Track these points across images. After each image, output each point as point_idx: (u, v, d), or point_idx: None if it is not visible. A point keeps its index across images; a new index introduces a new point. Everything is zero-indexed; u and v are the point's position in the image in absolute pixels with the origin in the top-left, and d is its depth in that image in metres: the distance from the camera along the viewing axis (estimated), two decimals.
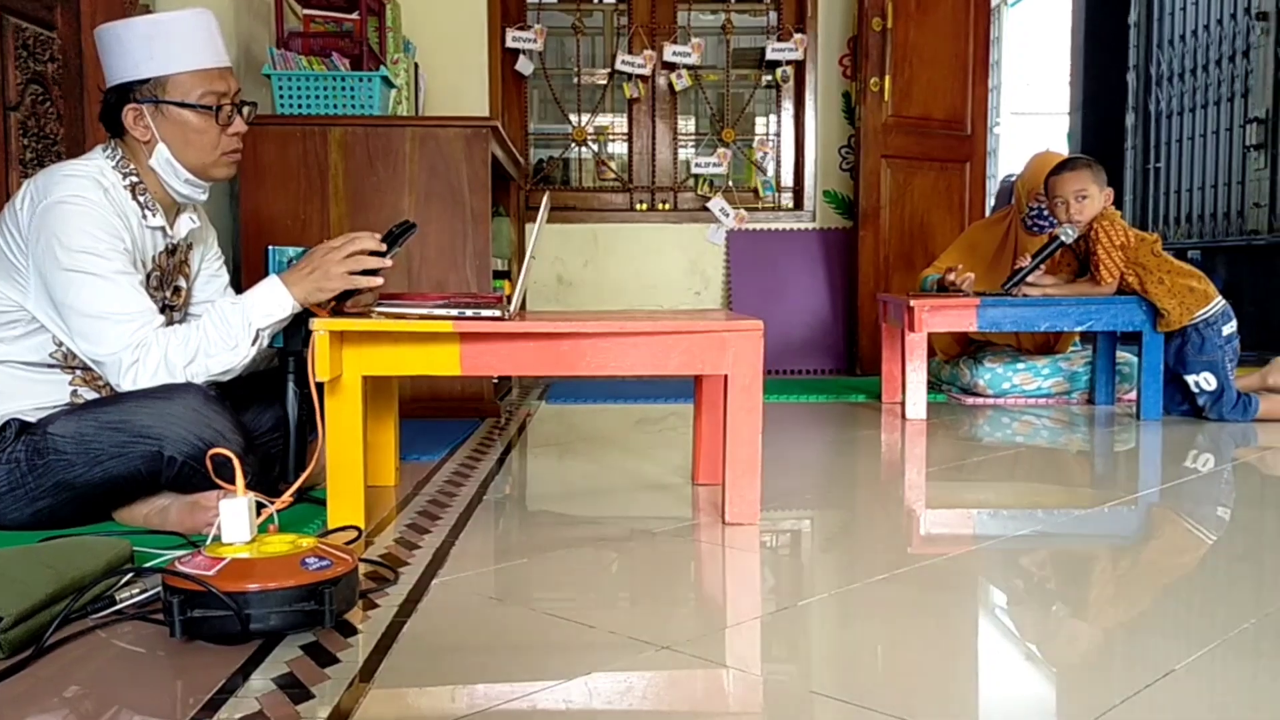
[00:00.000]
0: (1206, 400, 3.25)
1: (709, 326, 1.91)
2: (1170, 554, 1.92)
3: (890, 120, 4.72)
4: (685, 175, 5.14)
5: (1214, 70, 6.88)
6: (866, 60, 4.66)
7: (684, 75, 5.02)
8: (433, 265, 3.18)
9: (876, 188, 4.73)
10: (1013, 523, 2.09)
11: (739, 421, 1.91)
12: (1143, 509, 2.20)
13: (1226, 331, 3.28)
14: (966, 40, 4.92)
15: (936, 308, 3.33)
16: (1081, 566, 1.83)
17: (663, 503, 2.23)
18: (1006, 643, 1.44)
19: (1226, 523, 2.14)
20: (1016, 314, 3.31)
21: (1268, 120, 6.32)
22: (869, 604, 1.53)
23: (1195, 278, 3.31)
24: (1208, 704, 1.17)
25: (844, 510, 2.24)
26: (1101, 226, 3.31)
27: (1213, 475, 2.55)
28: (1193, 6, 7.13)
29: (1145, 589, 1.70)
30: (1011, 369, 3.73)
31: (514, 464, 2.67)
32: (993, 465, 2.70)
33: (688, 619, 1.50)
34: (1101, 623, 1.50)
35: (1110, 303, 3.30)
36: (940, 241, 4.76)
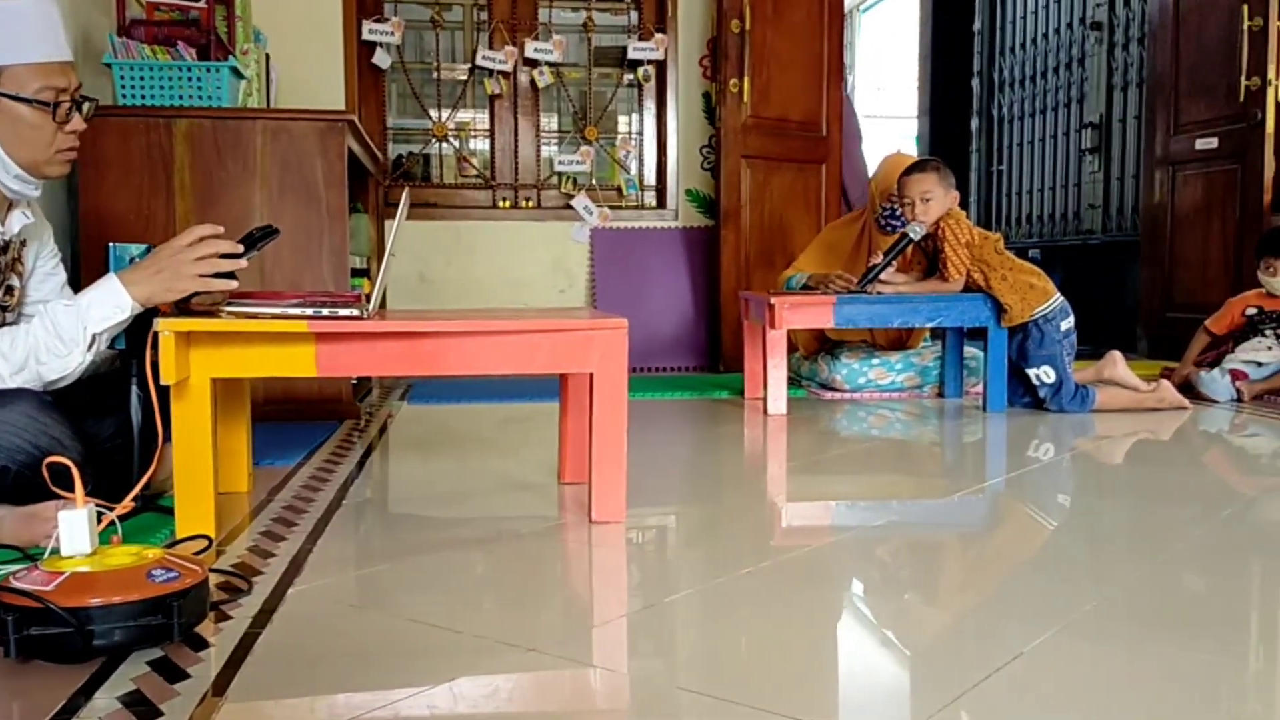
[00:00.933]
0: (1047, 392, 3.41)
1: (574, 325, 1.91)
2: (1015, 540, 2.01)
3: (749, 121, 4.80)
4: (549, 173, 5.12)
5: (1052, 77, 7.23)
6: (726, 61, 4.73)
7: (546, 72, 5.00)
8: (287, 263, 3.08)
9: (737, 187, 4.80)
10: (869, 513, 2.15)
11: (604, 419, 1.91)
12: (990, 498, 2.29)
13: (1064, 327, 3.44)
14: (821, 44, 5.04)
15: (796, 305, 3.40)
16: (934, 554, 1.90)
17: (528, 502, 2.21)
18: (865, 631, 1.48)
19: (1066, 509, 2.25)
20: (871, 311, 3.41)
21: (1101, 125, 6.68)
22: (734, 598, 1.55)
23: (1036, 275, 3.47)
24: (1055, 684, 1.22)
25: (709, 506, 2.26)
26: (948, 225, 3.44)
27: (1053, 464, 2.68)
28: (1032, 16, 7.48)
29: (993, 575, 1.77)
30: (867, 364, 3.84)
31: (375, 467, 2.61)
32: (850, 458, 2.77)
33: (554, 620, 1.49)
34: (953, 608, 1.56)
35: (957, 299, 3.43)
36: (799, 240, 4.86)
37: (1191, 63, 5.07)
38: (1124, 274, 6.30)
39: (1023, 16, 7.59)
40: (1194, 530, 1.93)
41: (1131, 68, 6.40)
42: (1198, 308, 4.66)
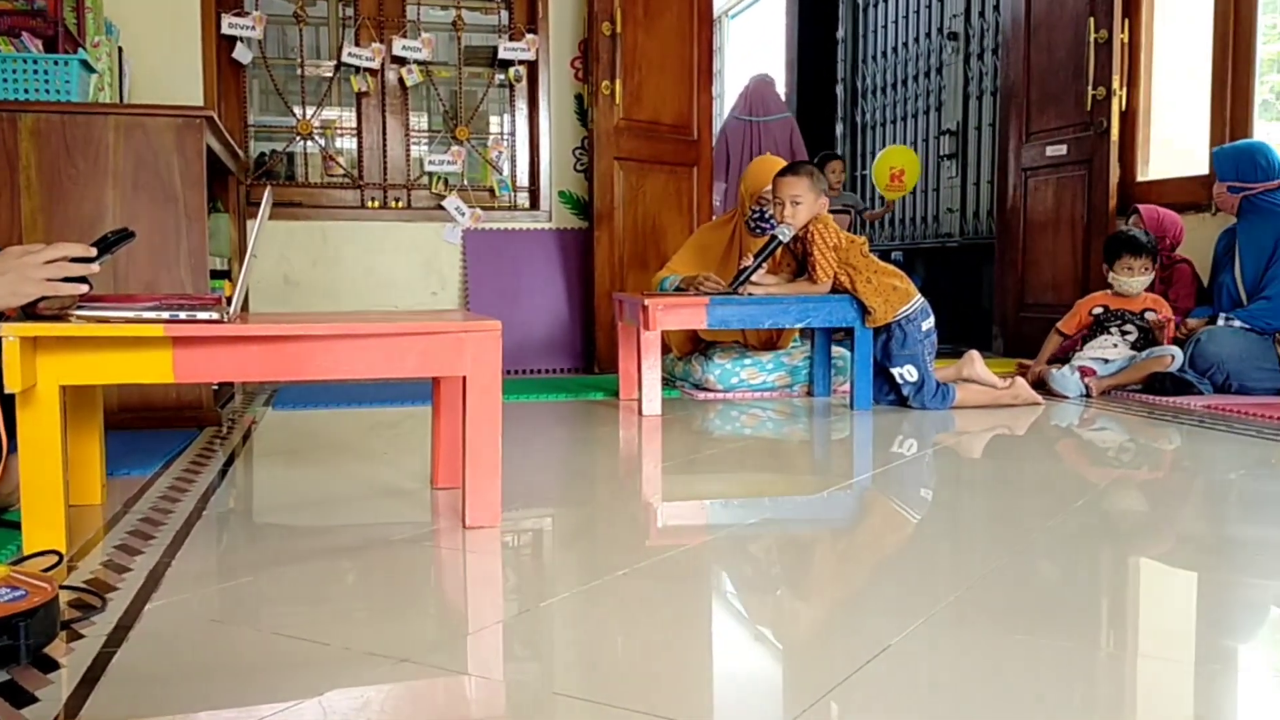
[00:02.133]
0: (910, 390, 3.52)
1: (446, 327, 1.88)
2: (882, 535, 2.07)
3: (622, 123, 4.82)
4: (419, 173, 5.04)
5: (911, 85, 7.47)
6: (597, 64, 4.74)
7: (415, 70, 4.92)
8: (142, 265, 2.95)
9: (610, 189, 4.81)
10: (743, 512, 2.17)
11: (478, 423, 1.88)
12: (858, 493, 2.35)
13: (926, 327, 3.56)
14: (691, 48, 5.10)
15: (670, 307, 3.43)
16: (805, 550, 1.93)
17: (400, 509, 2.17)
18: (740, 628, 1.50)
19: (930, 503, 2.32)
20: (743, 312, 3.46)
21: (958, 132, 6.93)
22: (610, 600, 1.54)
23: (898, 277, 3.57)
24: (923, 674, 1.25)
25: (585, 508, 2.26)
26: (817, 229, 3.51)
27: (917, 459, 2.76)
28: (892, 25, 7.71)
29: (862, 569, 1.81)
30: (739, 365, 3.90)
31: (238, 475, 2.52)
32: (724, 457, 2.80)
33: (428, 628, 1.46)
34: (824, 603, 1.59)
35: (825, 301, 3.51)
36: (672, 242, 4.91)
37: (1042, 73, 5.30)
38: (980, 275, 6.55)
39: (883, 26, 7.82)
40: (1048, 521, 2.02)
41: (986, 77, 6.66)
42: (1049, 307, 4.88)
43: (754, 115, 6.52)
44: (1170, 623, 1.56)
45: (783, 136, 6.44)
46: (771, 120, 6.46)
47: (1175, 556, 1.90)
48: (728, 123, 6.61)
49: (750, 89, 6.66)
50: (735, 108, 6.69)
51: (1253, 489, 2.41)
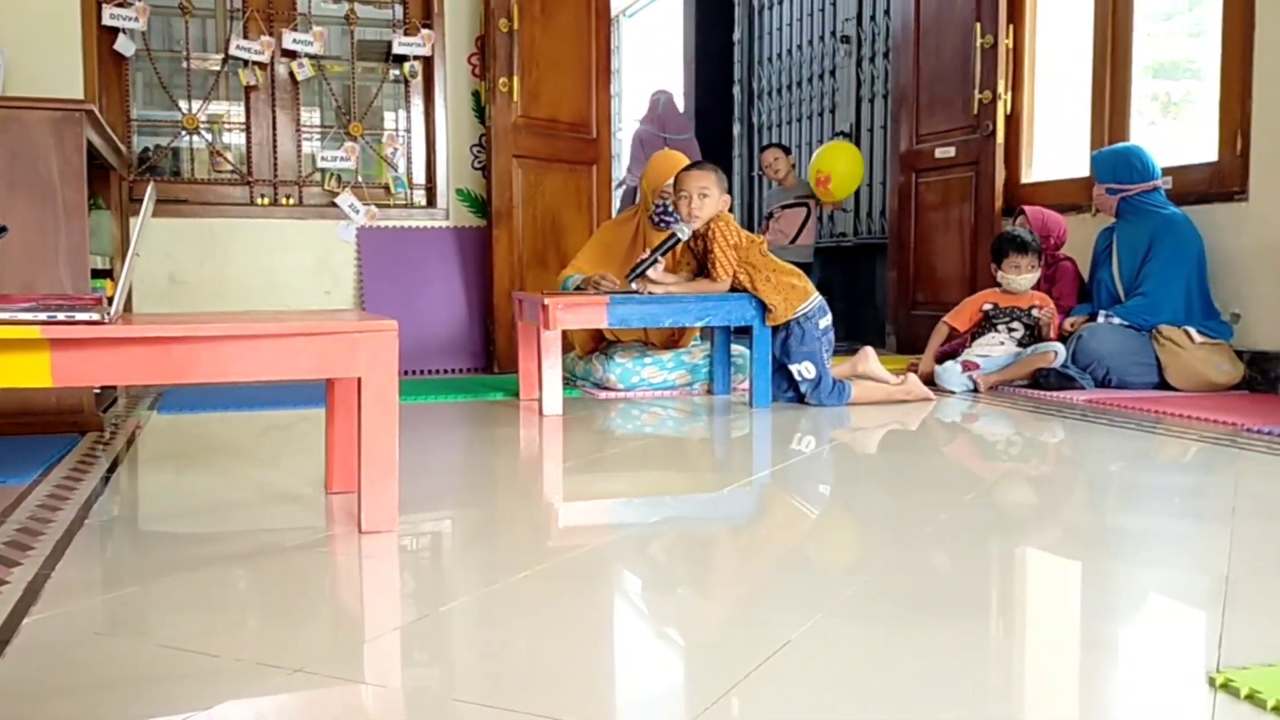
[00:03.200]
0: (808, 387, 3.57)
1: (339, 327, 1.83)
2: (782, 530, 2.09)
3: (520, 121, 4.79)
4: (311, 169, 4.93)
5: (806, 87, 7.58)
6: (495, 61, 4.70)
7: (306, 64, 4.81)
8: (18, 265, 2.82)
9: (509, 187, 4.78)
10: (644, 510, 2.18)
11: (374, 425, 1.85)
12: (757, 490, 2.38)
13: (823, 325, 3.62)
14: (589, 47, 5.09)
15: (570, 306, 3.42)
16: (706, 548, 1.94)
17: (294, 514, 2.11)
18: (642, 628, 1.50)
19: (827, 498, 2.36)
20: (643, 311, 3.47)
21: (851, 134, 7.06)
22: (511, 603, 1.53)
23: (796, 276, 3.63)
24: (822, 668, 1.27)
25: (484, 510, 2.23)
26: (717, 227, 3.54)
27: (814, 456, 2.81)
28: (787, 28, 7.82)
29: (762, 565, 1.83)
30: (640, 363, 3.91)
31: (122, 482, 2.43)
32: (625, 456, 2.80)
33: (323, 637, 1.43)
34: (726, 600, 1.60)
35: (725, 300, 3.54)
36: (573, 241, 4.89)
37: (931, 77, 5.44)
38: (875, 274, 6.69)
39: (778, 28, 7.92)
40: (941, 514, 2.07)
41: (878, 80, 6.80)
42: (939, 305, 5.01)
43: (666, 132, 6.62)
44: (1056, 611, 1.61)
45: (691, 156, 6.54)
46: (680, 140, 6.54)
47: (1061, 546, 1.97)
48: (642, 131, 6.72)
49: (661, 107, 6.80)
50: (646, 119, 6.80)
51: (1132, 480, 2.50)
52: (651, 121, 6.77)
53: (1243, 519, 2.01)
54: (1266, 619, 1.48)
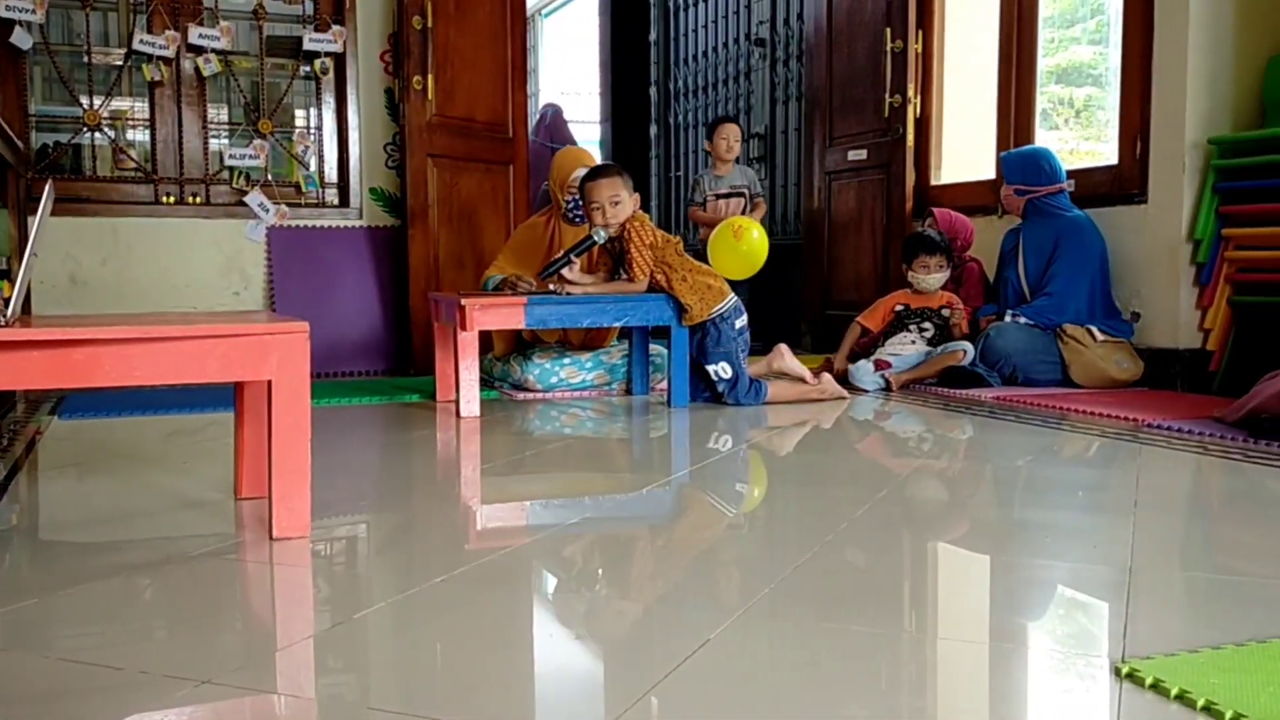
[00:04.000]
0: (725, 387, 3.60)
1: (249, 329, 1.79)
2: (701, 530, 2.10)
3: (435, 119, 4.74)
4: (219, 167, 4.81)
5: (722, 89, 7.64)
6: (408, 58, 4.64)
7: (213, 60, 4.69)
8: None
9: (424, 186, 4.72)
10: (564, 512, 2.17)
11: (285, 429, 1.81)
12: (676, 490, 2.38)
13: (739, 325, 3.65)
14: (505, 45, 5.06)
15: (487, 306, 3.39)
16: (625, 549, 1.94)
17: (202, 521, 2.06)
18: (562, 629, 1.49)
19: (744, 497, 2.38)
20: (561, 312, 3.46)
21: (766, 136, 7.13)
22: (428, 608, 1.51)
23: (712, 276, 3.65)
24: (740, 666, 1.28)
25: (400, 514, 2.20)
26: (633, 228, 3.55)
27: (732, 455, 2.83)
28: (702, 30, 7.87)
29: (681, 565, 1.83)
30: (558, 364, 3.89)
31: (21, 490, 2.34)
32: (544, 458, 2.79)
33: (233, 647, 1.39)
34: (645, 601, 1.60)
35: (643, 300, 3.55)
36: (490, 241, 4.86)
37: (843, 80, 5.52)
38: (790, 275, 6.76)
39: (694, 30, 7.97)
40: (856, 511, 2.10)
41: (792, 83, 6.88)
42: (852, 305, 5.08)
43: (553, 142, 6.65)
44: (966, 604, 1.65)
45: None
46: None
47: (970, 540, 2.01)
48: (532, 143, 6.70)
49: (549, 119, 6.86)
50: (534, 130, 6.81)
51: (1038, 475, 2.57)
52: (539, 133, 6.84)
53: (1144, 511, 2.08)
54: (1168, 609, 1.53)
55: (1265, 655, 1.25)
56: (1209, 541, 1.97)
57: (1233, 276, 3.82)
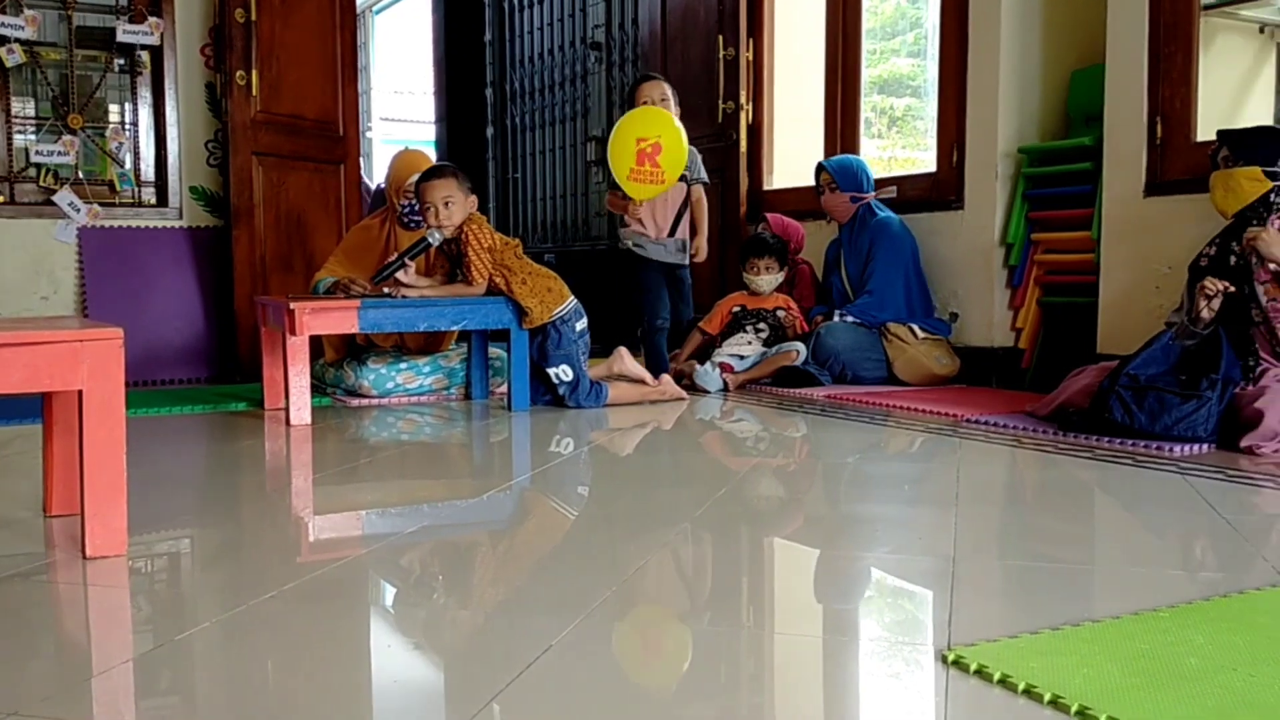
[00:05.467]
0: (565, 390, 3.60)
1: (57, 336, 1.68)
2: (542, 534, 2.09)
3: (260, 116, 4.57)
4: (24, 164, 4.50)
5: (559, 91, 7.64)
6: (231, 52, 4.46)
7: (17, 51, 4.39)
8: None
9: (249, 185, 4.55)
10: (401, 520, 2.12)
11: (98, 441, 1.70)
12: (517, 494, 2.36)
13: (580, 327, 3.65)
14: (334, 41, 4.92)
15: (318, 310, 3.29)
16: (466, 555, 1.91)
17: (8, 541, 1.92)
18: (400, 640, 1.46)
19: (587, 500, 2.38)
20: (396, 315, 3.38)
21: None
22: (258, 625, 1.45)
23: (552, 279, 3.64)
24: (585, 671, 1.27)
25: (226, 528, 2.11)
26: (470, 230, 3.50)
27: (574, 458, 2.82)
28: (538, 32, 7.84)
29: (523, 570, 1.82)
30: (394, 369, 3.81)
31: None
32: (380, 465, 2.72)
33: (43, 675, 1.30)
34: (486, 608, 1.58)
35: (482, 303, 3.51)
36: (321, 243, 4.71)
37: (679, 86, 5.57)
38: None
39: (529, 32, 7.94)
40: (696, 510, 2.12)
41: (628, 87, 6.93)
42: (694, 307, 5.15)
43: None
44: (801, 598, 1.69)
45: None
46: None
47: (804, 536, 2.07)
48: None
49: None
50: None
51: (866, 470, 2.67)
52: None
53: (964, 503, 2.18)
54: (989, 597, 1.60)
55: (1079, 638, 1.33)
56: (1025, 530, 2.09)
57: (1041, 279, 4.05)
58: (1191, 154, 3.42)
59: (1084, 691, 1.14)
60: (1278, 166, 2.91)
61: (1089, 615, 1.42)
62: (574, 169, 7.47)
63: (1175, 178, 3.48)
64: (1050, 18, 4.14)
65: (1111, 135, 3.68)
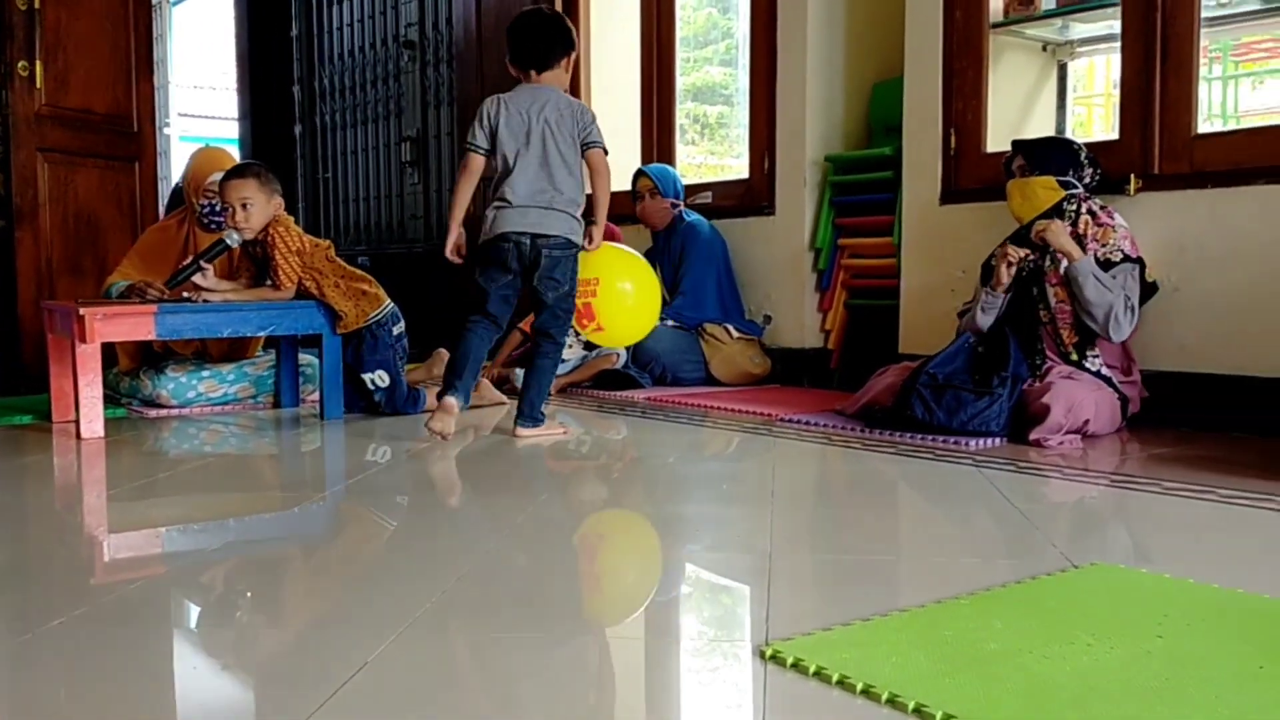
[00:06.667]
0: (382, 396, 3.51)
1: None
2: (358, 546, 2.03)
3: (45, 110, 4.28)
4: None
5: (371, 90, 7.45)
6: (11, 42, 4.16)
7: None
8: None
9: (34, 183, 4.25)
10: (205, 536, 2.02)
11: None
12: (331, 505, 2.29)
13: (396, 331, 3.57)
14: (128, 33, 4.65)
15: (111, 316, 3.09)
16: (275, 571, 1.83)
17: None
18: (206, 663, 1.38)
19: (404, 509, 2.32)
20: (198, 321, 3.22)
21: (419, 140, 7.04)
22: (45, 654, 1.34)
23: (367, 282, 3.54)
24: (405, 686, 1.24)
25: (11, 549, 1.95)
26: (277, 233, 3.37)
27: (391, 466, 2.75)
28: (348, 28, 7.63)
29: (336, 584, 1.76)
30: (196, 377, 3.62)
31: None
32: (182, 479, 2.58)
33: None
34: (297, 625, 1.52)
35: (291, 307, 3.38)
36: (114, 244, 4.45)
37: (494, 85, 5.51)
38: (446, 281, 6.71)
39: (339, 28, 7.72)
40: (518, 516, 2.11)
41: (443, 87, 6.83)
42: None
43: None
44: (624, 600, 1.70)
45: None
46: None
47: (626, 537, 2.08)
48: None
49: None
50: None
51: (686, 470, 2.71)
52: None
53: (780, 500, 2.24)
54: (804, 591, 1.65)
55: (888, 627, 1.38)
56: (836, 525, 2.16)
57: (848, 282, 4.23)
58: (983, 164, 3.63)
59: (893, 679, 1.19)
60: (1070, 176, 3.14)
61: (896, 605, 1.48)
62: (389, 170, 7.30)
63: (968, 186, 3.69)
64: (853, 31, 4.31)
65: (910, 145, 3.87)
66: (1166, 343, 3.16)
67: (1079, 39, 3.95)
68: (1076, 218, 3.10)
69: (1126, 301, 2.99)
